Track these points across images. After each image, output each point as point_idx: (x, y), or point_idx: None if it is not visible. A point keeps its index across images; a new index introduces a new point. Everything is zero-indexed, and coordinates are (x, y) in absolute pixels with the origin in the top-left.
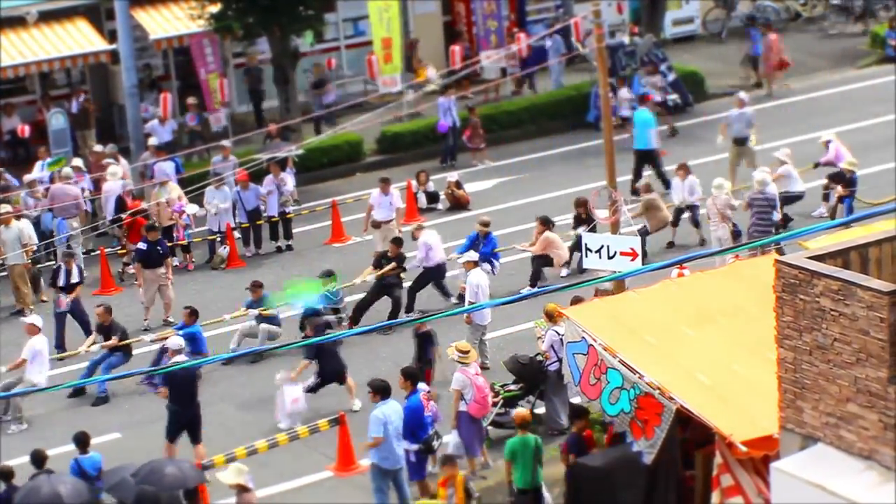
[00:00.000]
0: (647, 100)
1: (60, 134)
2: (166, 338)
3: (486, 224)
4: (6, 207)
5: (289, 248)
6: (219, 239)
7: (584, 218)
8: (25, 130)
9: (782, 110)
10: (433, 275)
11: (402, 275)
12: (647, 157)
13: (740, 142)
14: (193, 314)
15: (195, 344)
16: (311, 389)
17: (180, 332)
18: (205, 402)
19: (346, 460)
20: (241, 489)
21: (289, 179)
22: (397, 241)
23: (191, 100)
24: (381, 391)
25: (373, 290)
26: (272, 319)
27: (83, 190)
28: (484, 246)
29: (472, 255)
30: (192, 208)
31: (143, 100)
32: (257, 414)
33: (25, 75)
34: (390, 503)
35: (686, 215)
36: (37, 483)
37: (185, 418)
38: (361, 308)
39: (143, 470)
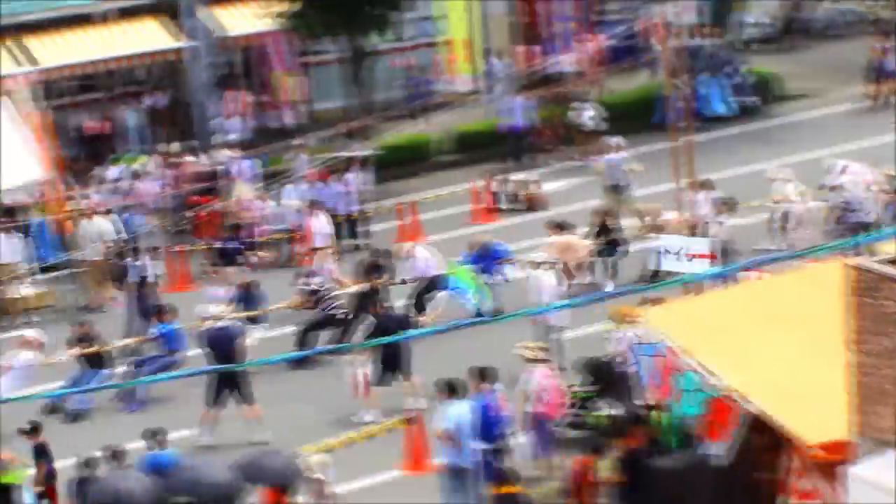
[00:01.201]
0: None
1: (135, 131)
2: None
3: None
4: (86, 203)
5: (366, 246)
6: (291, 237)
7: (603, 228)
8: (102, 127)
9: None
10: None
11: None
12: None
13: (617, 189)
14: (169, 312)
15: (170, 343)
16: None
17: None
18: (279, 400)
19: (417, 460)
20: (319, 481)
21: (361, 178)
22: None
23: (265, 98)
24: (451, 390)
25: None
26: None
27: (161, 187)
28: (490, 258)
29: (538, 255)
30: (265, 206)
31: (218, 98)
32: (331, 412)
33: (100, 73)
34: (460, 503)
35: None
36: (110, 478)
37: (226, 380)
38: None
39: (246, 465)
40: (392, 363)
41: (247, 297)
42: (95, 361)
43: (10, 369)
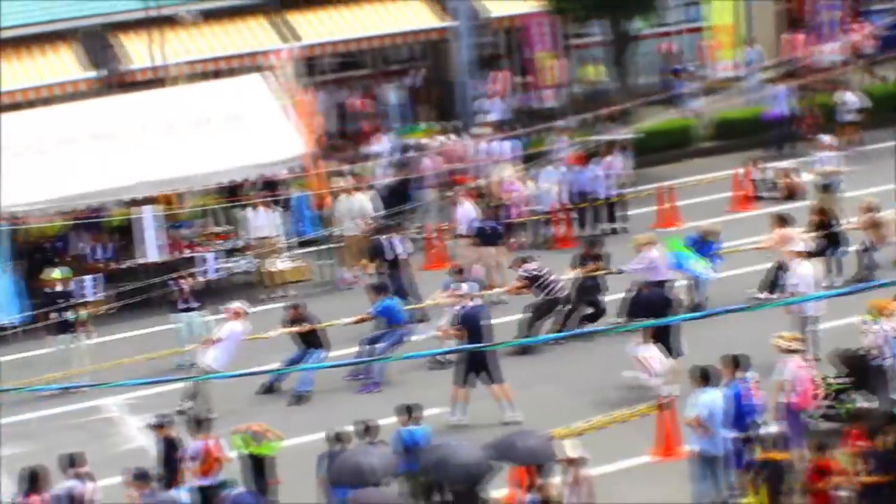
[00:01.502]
0: None
1: (396, 109)
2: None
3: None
4: (345, 179)
5: (624, 230)
6: (548, 219)
7: (822, 224)
8: (363, 104)
9: None
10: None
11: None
12: None
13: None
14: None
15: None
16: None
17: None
18: (529, 383)
19: (667, 446)
20: (574, 463)
21: (620, 162)
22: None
23: (525, 79)
24: (703, 378)
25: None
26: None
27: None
28: (705, 248)
29: (805, 245)
30: (524, 188)
31: (479, 78)
32: (580, 395)
33: (366, 50)
34: (710, 491)
35: None
36: (350, 453)
37: (476, 359)
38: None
39: (499, 445)
40: (664, 341)
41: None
42: (312, 341)
43: (220, 341)
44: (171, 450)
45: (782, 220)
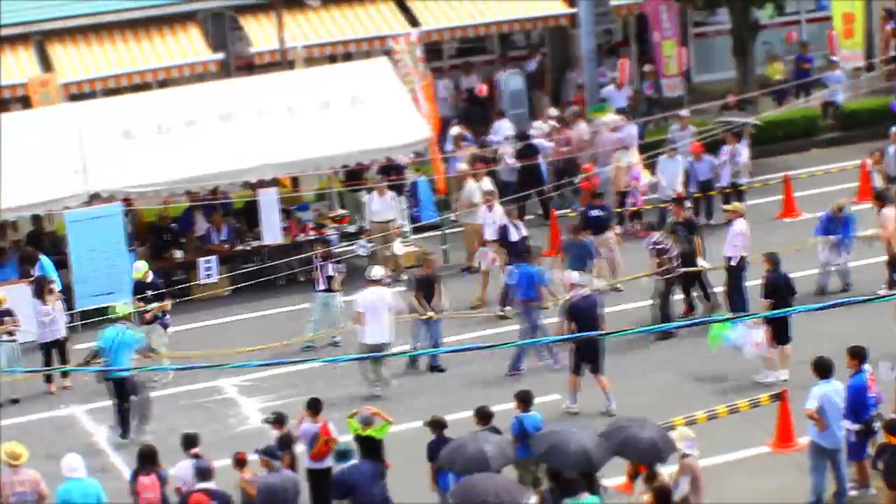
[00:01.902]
0: None
1: (516, 94)
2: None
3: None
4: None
5: None
6: (670, 208)
7: None
8: (483, 90)
9: None
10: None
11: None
12: None
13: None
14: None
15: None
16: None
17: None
18: (646, 371)
19: (784, 437)
20: (682, 454)
21: (742, 151)
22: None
23: (647, 67)
24: (823, 369)
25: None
26: None
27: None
28: (842, 228)
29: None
30: (646, 176)
31: (601, 65)
32: (698, 384)
33: (486, 35)
34: (827, 483)
35: None
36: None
37: (585, 349)
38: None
39: (617, 435)
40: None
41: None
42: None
43: (364, 314)
44: (285, 445)
45: (881, 199)
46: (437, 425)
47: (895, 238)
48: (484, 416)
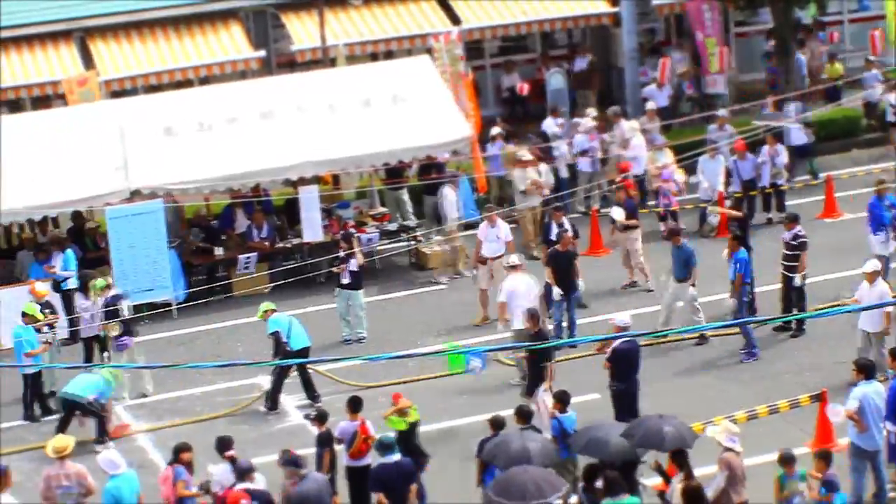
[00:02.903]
0: None
1: (558, 93)
2: None
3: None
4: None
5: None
6: (710, 207)
7: None
8: (524, 88)
9: None
10: None
11: None
12: None
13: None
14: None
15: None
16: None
17: None
18: (684, 372)
19: (824, 437)
20: (725, 448)
21: (782, 151)
22: None
23: (690, 67)
24: (865, 370)
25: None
26: None
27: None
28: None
29: None
30: (680, 176)
31: (643, 64)
32: (738, 385)
33: (527, 34)
34: (867, 484)
35: None
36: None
37: (626, 395)
38: None
39: (639, 430)
40: None
41: None
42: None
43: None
44: (326, 443)
45: None
46: (496, 425)
47: None
48: (524, 415)
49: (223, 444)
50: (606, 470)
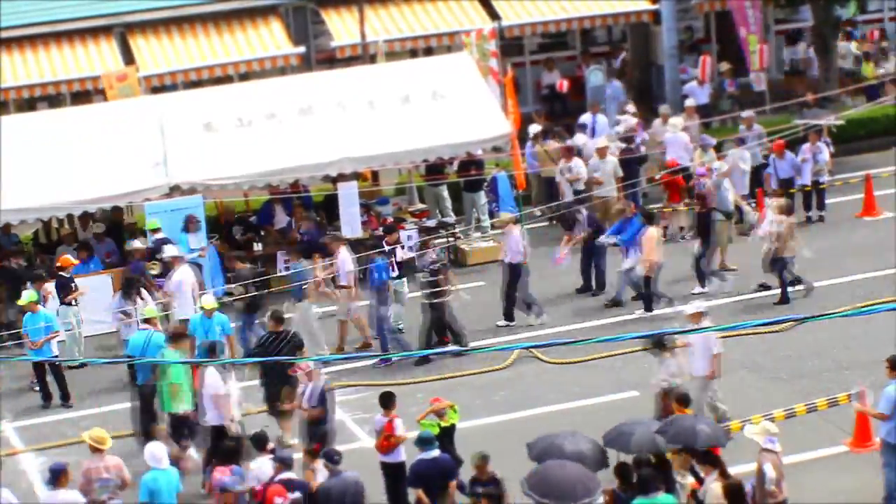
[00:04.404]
0: None
1: (597, 90)
2: None
3: None
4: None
5: (820, 218)
6: (749, 205)
7: None
8: (564, 85)
9: None
10: None
11: None
12: None
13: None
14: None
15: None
16: None
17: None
18: (724, 369)
19: (862, 436)
20: (761, 448)
21: (824, 149)
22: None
23: (728, 64)
24: (894, 367)
25: None
26: None
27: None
28: None
29: None
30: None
31: (683, 62)
32: (776, 382)
33: (567, 31)
34: None
35: None
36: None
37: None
38: None
39: (672, 427)
40: None
41: None
42: None
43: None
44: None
45: None
46: None
47: None
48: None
49: (260, 441)
50: (643, 467)
